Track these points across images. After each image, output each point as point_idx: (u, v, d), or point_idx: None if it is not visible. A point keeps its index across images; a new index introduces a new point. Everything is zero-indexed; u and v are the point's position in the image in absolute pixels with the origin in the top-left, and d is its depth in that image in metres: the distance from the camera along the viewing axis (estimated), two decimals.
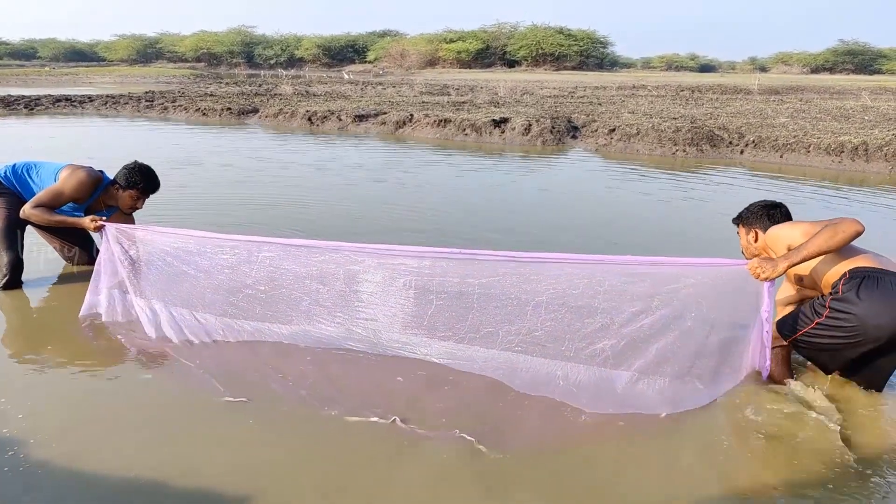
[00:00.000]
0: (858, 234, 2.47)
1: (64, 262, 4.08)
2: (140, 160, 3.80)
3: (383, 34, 66.34)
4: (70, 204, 3.66)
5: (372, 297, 2.94)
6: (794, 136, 9.75)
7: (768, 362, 2.70)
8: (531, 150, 10.56)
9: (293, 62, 61.95)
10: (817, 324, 2.54)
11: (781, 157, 9.36)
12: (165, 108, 15.93)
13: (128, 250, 3.32)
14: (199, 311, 3.15)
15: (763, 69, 60.57)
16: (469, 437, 2.25)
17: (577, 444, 2.29)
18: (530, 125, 11.47)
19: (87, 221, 3.49)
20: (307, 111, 13.92)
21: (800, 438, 2.32)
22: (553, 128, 11.43)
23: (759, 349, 2.69)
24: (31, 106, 16.36)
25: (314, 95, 18.85)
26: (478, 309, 2.79)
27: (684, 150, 9.96)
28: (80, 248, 4.03)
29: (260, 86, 24.45)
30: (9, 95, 17.50)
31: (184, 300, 3.17)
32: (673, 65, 64.81)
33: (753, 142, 9.87)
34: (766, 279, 2.53)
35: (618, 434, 2.33)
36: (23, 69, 44.91)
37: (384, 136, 12.04)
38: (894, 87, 25.74)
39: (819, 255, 2.51)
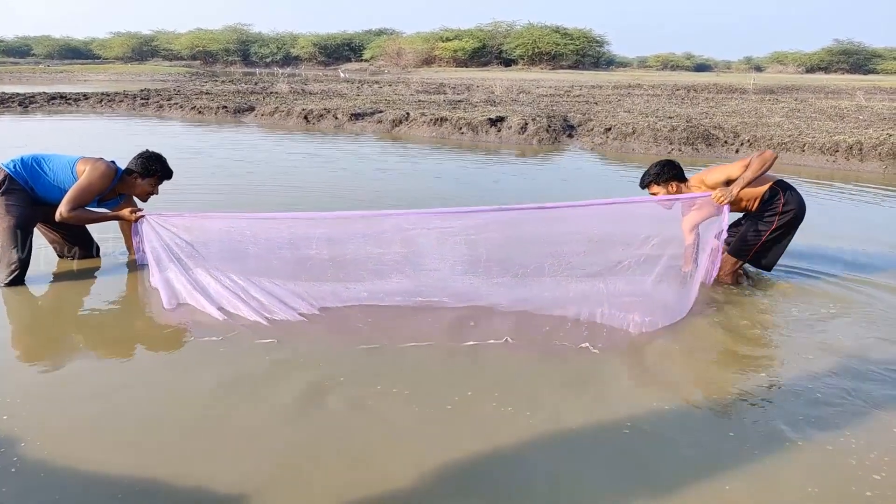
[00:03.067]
0: (776, 160, 3.50)
1: (59, 259, 4.07)
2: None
3: (379, 32, 66.30)
4: None
5: (431, 253, 3.44)
6: (790, 136, 9.79)
7: (717, 265, 3.59)
8: (527, 148, 10.57)
9: (289, 60, 61.86)
10: (773, 230, 3.60)
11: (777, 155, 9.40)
12: (161, 106, 15.89)
13: (178, 234, 3.50)
14: (273, 279, 3.39)
15: (758, 69, 60.78)
16: (567, 344, 2.96)
17: (634, 344, 3.05)
18: (526, 124, 11.49)
19: (126, 213, 3.62)
20: (303, 109, 13.90)
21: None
22: (549, 126, 11.44)
23: (715, 253, 3.54)
24: (25, 103, 16.29)
25: (310, 94, 18.82)
26: (521, 251, 3.50)
27: (680, 149, 10.00)
28: (80, 246, 4.03)
29: (256, 84, 24.40)
30: (3, 93, 17.41)
31: (253, 271, 3.41)
32: (669, 64, 64.97)
33: (749, 141, 9.91)
34: (726, 202, 3.41)
35: (658, 333, 3.15)
36: (17, 66, 44.74)
37: (381, 135, 12.04)
38: (889, 86, 25.86)
39: (755, 178, 3.45)
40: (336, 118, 13.34)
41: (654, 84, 26.99)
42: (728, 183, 3.49)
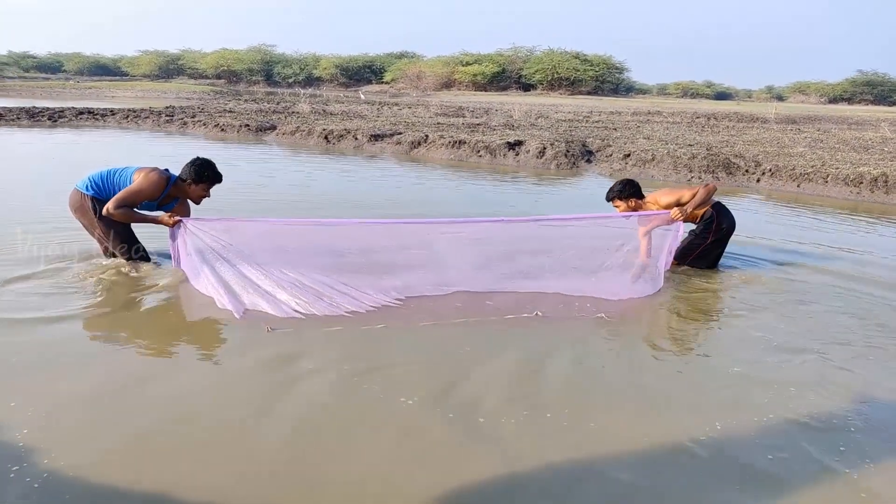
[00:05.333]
0: (716, 191, 4.65)
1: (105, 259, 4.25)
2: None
3: (400, 56, 67.16)
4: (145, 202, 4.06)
5: (447, 253, 4.07)
6: (812, 166, 9.65)
7: (671, 259, 4.49)
8: (545, 173, 10.54)
9: (311, 81, 62.80)
10: (710, 242, 4.61)
11: (798, 186, 9.27)
12: (185, 123, 16.16)
13: (219, 236, 3.81)
14: (314, 273, 3.73)
15: (780, 98, 60.47)
16: (585, 315, 3.75)
17: (626, 312, 3.93)
18: (545, 148, 11.48)
19: (165, 218, 3.98)
20: (324, 129, 14.05)
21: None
22: (567, 151, 11.42)
23: (669, 255, 4.42)
24: (54, 118, 16.68)
25: (331, 114, 19.05)
26: (523, 253, 4.24)
27: (700, 177, 9.90)
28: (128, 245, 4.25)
29: (278, 104, 24.77)
30: (34, 107, 17.86)
31: (299, 267, 3.76)
32: (689, 92, 64.91)
33: (770, 170, 9.78)
34: (681, 219, 4.40)
35: (641, 301, 4.09)
36: (48, 82, 45.97)
37: (399, 156, 12.10)
38: None
39: (701, 203, 4.52)
40: (356, 139, 13.46)
41: (674, 111, 26.94)
42: (678, 203, 4.46)
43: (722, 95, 65.78)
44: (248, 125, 15.26)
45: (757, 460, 2.31)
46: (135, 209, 4.02)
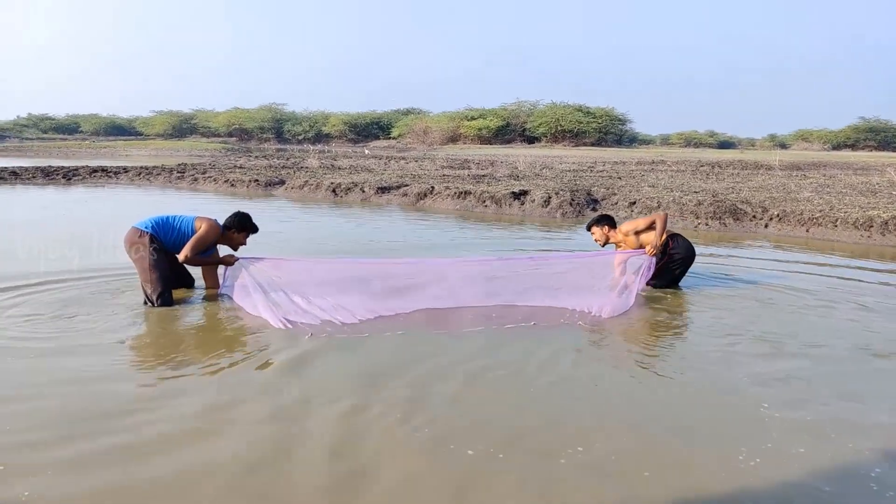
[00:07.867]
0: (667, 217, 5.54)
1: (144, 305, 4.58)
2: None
3: (407, 112, 68.86)
4: None
5: (458, 279, 4.96)
6: (821, 211, 9.60)
7: (643, 283, 5.36)
8: (550, 222, 10.55)
9: (320, 138, 64.30)
10: (666, 262, 5.42)
11: (808, 231, 9.20)
12: (195, 179, 16.45)
13: (269, 272, 4.64)
14: (345, 295, 4.55)
15: (783, 146, 61.07)
16: (568, 323, 4.53)
17: (610, 323, 4.69)
18: (550, 197, 11.54)
19: (228, 258, 4.75)
20: (332, 183, 14.24)
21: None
22: (573, 200, 11.47)
23: (642, 281, 5.29)
24: (69, 176, 17.06)
25: (339, 169, 19.36)
26: (524, 278, 5.23)
27: (707, 224, 9.87)
28: (183, 282, 4.96)
29: (288, 159, 25.27)
30: (49, 166, 18.30)
31: (329, 292, 4.56)
32: (692, 141, 65.84)
33: (778, 215, 9.74)
34: (654, 253, 5.35)
35: (629, 315, 4.86)
36: (65, 142, 47.36)
37: (405, 207, 12.19)
38: None
39: (662, 233, 5.39)
40: (363, 191, 13.61)
41: (678, 160, 27.19)
42: (636, 232, 5.50)
43: (725, 144, 66.61)
44: (257, 180, 15.50)
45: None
46: (201, 254, 4.69)
